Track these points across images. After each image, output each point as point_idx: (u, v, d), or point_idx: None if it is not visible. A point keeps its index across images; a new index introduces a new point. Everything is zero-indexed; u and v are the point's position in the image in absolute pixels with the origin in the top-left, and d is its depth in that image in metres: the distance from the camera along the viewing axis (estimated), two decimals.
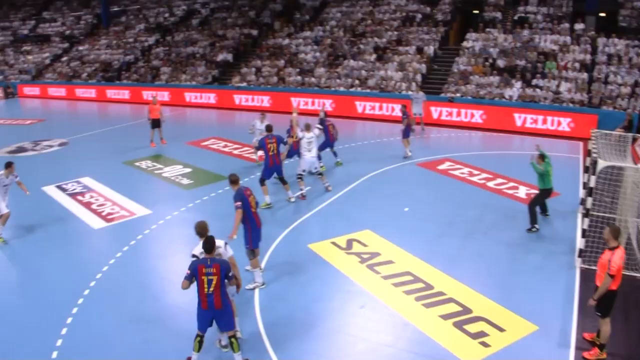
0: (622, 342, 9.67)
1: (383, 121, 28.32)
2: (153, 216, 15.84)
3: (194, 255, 9.05)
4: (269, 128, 16.42)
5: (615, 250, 8.93)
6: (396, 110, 27.74)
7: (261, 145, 16.10)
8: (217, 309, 8.65)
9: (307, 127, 16.91)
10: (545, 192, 14.01)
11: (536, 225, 13.98)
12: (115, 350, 9.78)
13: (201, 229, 9.29)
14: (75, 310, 10.98)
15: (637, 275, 11.77)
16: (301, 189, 16.87)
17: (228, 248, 9.37)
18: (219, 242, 9.19)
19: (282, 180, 16.40)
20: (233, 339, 8.83)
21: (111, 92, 40.49)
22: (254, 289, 11.47)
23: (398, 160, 20.73)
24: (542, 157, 13.83)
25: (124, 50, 44.53)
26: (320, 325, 10.36)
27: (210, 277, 8.48)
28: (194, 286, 8.63)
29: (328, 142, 19.48)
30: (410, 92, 26.60)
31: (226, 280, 8.65)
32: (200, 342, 8.84)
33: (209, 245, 8.67)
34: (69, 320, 10.62)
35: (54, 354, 9.56)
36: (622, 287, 9.15)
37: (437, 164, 20.21)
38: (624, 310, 10.38)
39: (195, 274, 8.51)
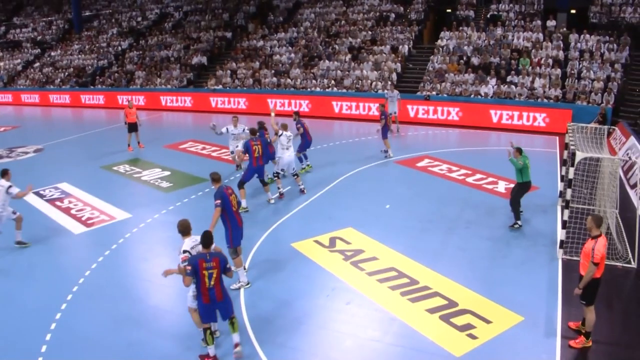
0: (606, 330, 9.84)
1: (360, 121, 28.38)
2: (133, 220, 15.70)
3: (185, 251, 9.14)
4: (253, 131, 16.54)
5: (598, 238, 9.01)
6: (372, 109, 27.89)
7: (246, 148, 15.90)
8: (219, 302, 8.90)
9: (285, 127, 16.89)
10: (525, 186, 14.00)
11: (519, 222, 14.00)
12: (101, 354, 9.67)
13: (184, 227, 9.43)
14: (58, 315, 10.84)
15: (618, 264, 11.96)
16: (278, 188, 16.81)
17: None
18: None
19: (263, 182, 16.34)
20: (234, 320, 9.16)
21: (86, 98, 39.99)
22: (238, 288, 11.42)
23: (377, 159, 20.80)
24: (520, 151, 13.86)
25: (97, 55, 44.09)
26: (307, 322, 10.35)
27: (210, 271, 8.68)
28: (175, 284, 8.67)
29: (307, 142, 19.40)
30: (385, 91, 26.69)
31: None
32: (212, 334, 9.08)
33: (208, 239, 8.88)
34: (53, 325, 10.49)
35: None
36: (604, 276, 9.27)
37: (416, 161, 20.31)
38: (606, 298, 10.55)
39: (196, 269, 8.63)
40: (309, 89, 31.78)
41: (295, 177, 17.24)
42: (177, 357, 9.48)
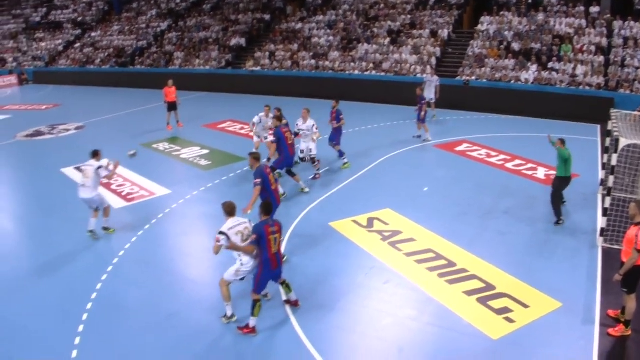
0: None
1: (399, 105, 28.22)
2: (173, 196, 15.94)
3: (221, 232, 9.20)
4: (279, 118, 15.92)
5: None
6: (411, 94, 27.71)
7: (278, 137, 15.13)
8: (281, 266, 9.48)
9: (305, 117, 16.58)
10: (567, 181, 13.51)
11: (562, 218, 13.42)
12: (140, 323, 9.92)
13: (230, 208, 9.58)
14: (99, 286, 11.12)
15: None
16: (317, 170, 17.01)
17: (251, 224, 9.60)
18: (244, 219, 9.54)
19: (291, 173, 15.90)
20: (286, 282, 9.93)
21: (125, 77, 40.49)
22: None
23: (415, 142, 20.72)
24: (563, 142, 13.38)
25: (136, 36, 44.49)
26: (344, 299, 10.43)
27: (275, 236, 9.16)
28: (214, 257, 8.98)
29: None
30: (424, 76, 26.47)
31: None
32: (260, 306, 9.36)
33: (269, 207, 9.55)
34: (94, 295, 10.75)
35: (80, 328, 9.72)
36: None
37: (455, 145, 20.18)
38: None
39: (263, 235, 9.03)
40: (347, 72, 31.69)
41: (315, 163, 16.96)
42: (215, 329, 9.65)
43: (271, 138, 16.17)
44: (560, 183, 13.44)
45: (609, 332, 9.21)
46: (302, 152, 16.67)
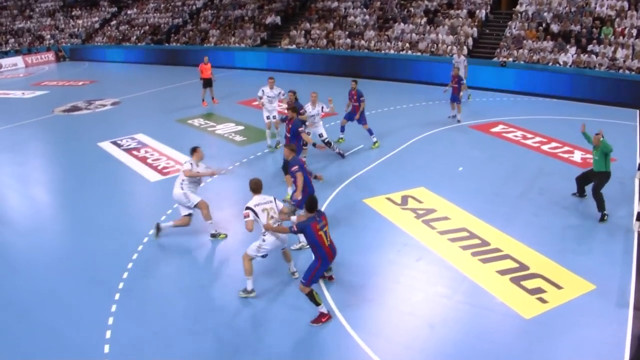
0: None
1: (434, 85, 28.00)
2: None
3: (248, 207, 9.42)
4: (294, 108, 14.60)
5: None
6: (446, 74, 27.49)
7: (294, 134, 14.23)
8: (335, 255, 9.25)
9: (314, 101, 16.24)
10: (607, 176, 12.71)
11: (606, 212, 12.58)
12: (174, 293, 10.12)
13: (256, 185, 9.70)
14: (135, 256, 11.38)
15: None
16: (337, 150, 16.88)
17: (278, 202, 9.81)
18: (270, 197, 9.72)
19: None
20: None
21: (161, 54, 40.82)
22: (300, 248, 11.45)
23: (450, 122, 20.60)
24: (601, 135, 12.57)
25: (172, 14, 44.79)
26: (376, 274, 10.50)
27: (324, 229, 8.91)
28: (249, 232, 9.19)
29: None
30: (453, 56, 26.27)
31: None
32: (317, 294, 9.09)
33: (314, 203, 9.05)
34: (130, 265, 10.99)
35: (117, 296, 9.97)
36: None
37: (490, 126, 19.99)
38: None
39: (310, 234, 8.77)
40: (383, 52, 31.52)
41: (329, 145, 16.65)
42: (246, 301, 9.81)
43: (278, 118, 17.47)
44: (600, 178, 12.67)
45: None
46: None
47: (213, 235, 12.14)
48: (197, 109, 24.22)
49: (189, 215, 11.91)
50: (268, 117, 17.98)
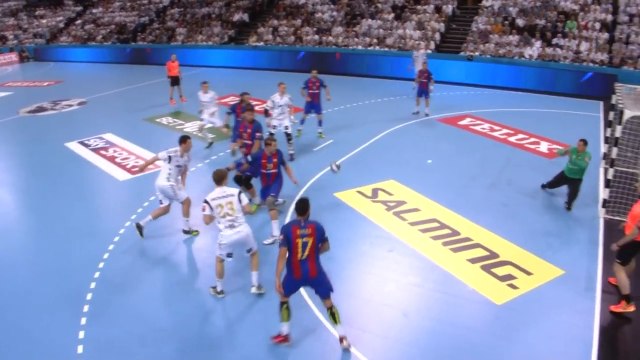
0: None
1: (402, 80, 28.16)
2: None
3: (205, 201, 9.25)
4: (249, 107, 13.83)
5: None
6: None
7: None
8: (312, 278, 7.96)
9: (283, 92, 16.08)
10: (581, 181, 12.69)
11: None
12: (147, 291, 10.06)
13: (217, 176, 9.46)
14: (106, 255, 11.22)
15: None
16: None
17: (244, 196, 9.53)
18: (232, 191, 9.44)
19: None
20: (333, 309, 8.10)
21: (127, 53, 40.44)
22: (272, 243, 11.38)
23: (418, 116, 20.79)
24: (585, 142, 12.51)
25: (138, 12, 44.36)
26: (349, 266, 10.55)
27: (305, 239, 7.79)
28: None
29: None
30: (413, 51, 26.57)
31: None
32: (288, 309, 8.22)
33: (302, 206, 8.00)
34: (101, 265, 10.85)
35: (89, 296, 9.83)
36: None
37: (458, 119, 20.23)
38: None
39: (289, 237, 7.76)
40: (350, 47, 31.62)
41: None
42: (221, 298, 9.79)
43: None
44: (577, 185, 12.69)
45: (612, 308, 9.19)
46: (274, 127, 16.18)
47: (186, 232, 12.04)
48: (165, 107, 24.04)
49: (169, 204, 11.78)
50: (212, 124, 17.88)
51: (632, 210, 9.18)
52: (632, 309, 9.08)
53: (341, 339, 8.15)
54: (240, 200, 9.34)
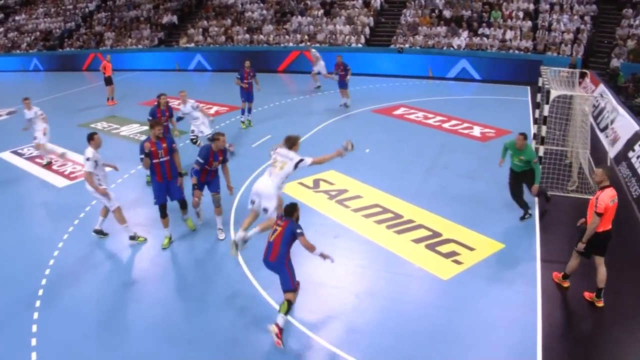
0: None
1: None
2: (116, 172, 15.73)
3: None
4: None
5: (605, 189, 8.56)
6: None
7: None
8: (270, 261, 8.45)
9: (184, 100, 15.90)
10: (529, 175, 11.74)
11: (529, 211, 12.02)
12: (98, 294, 9.91)
13: (291, 141, 10.48)
14: (52, 262, 10.97)
15: (590, 197, 12.30)
16: None
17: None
18: (295, 157, 10.20)
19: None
20: (286, 302, 8.27)
21: (53, 60, 39.44)
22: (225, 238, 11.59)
23: (352, 109, 21.14)
24: (525, 136, 11.46)
25: (64, 18, 43.26)
26: (297, 253, 10.56)
27: (277, 228, 8.51)
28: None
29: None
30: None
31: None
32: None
33: (289, 210, 8.72)
34: (47, 271, 10.61)
35: (37, 303, 9.61)
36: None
37: (392, 109, 20.65)
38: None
39: (275, 221, 8.75)
40: (282, 45, 31.75)
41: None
42: (176, 294, 9.77)
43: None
44: (530, 177, 11.65)
45: (585, 295, 9.05)
46: (192, 132, 16.05)
47: (132, 238, 11.77)
48: (99, 112, 23.62)
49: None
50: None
51: (590, 202, 8.82)
52: (601, 304, 8.87)
53: (275, 325, 8.14)
54: (295, 167, 10.02)
